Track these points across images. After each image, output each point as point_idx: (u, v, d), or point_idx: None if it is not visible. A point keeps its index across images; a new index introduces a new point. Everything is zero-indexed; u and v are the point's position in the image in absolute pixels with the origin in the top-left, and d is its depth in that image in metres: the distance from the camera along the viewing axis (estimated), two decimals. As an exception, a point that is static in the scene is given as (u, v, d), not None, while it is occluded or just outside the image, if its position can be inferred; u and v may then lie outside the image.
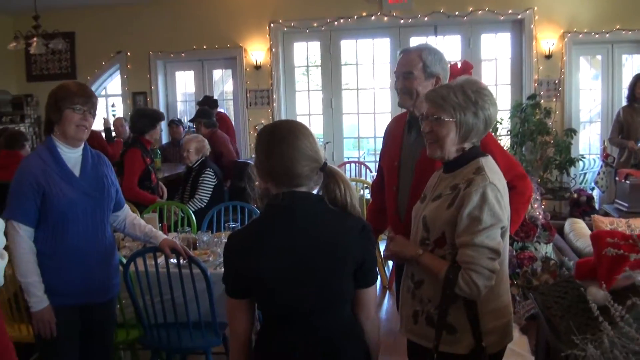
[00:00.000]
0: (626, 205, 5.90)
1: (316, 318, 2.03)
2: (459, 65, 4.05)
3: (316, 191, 2.09)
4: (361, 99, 9.18)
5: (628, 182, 5.91)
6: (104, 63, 9.48)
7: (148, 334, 3.59)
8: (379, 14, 8.45)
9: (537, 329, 2.78)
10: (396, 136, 3.02)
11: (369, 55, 9.08)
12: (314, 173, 2.04)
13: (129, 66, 9.42)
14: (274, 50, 8.85)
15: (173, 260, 3.39)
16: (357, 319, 2.13)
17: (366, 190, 6.64)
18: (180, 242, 3.37)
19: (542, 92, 8.17)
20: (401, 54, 2.92)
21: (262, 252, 1.99)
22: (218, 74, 9.79)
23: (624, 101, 7.53)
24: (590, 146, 8.88)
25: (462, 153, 2.32)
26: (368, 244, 2.07)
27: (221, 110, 8.62)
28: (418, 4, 8.33)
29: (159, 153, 7.85)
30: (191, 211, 5.22)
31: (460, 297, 2.22)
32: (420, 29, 8.61)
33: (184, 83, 9.84)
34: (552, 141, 7.87)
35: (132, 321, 3.73)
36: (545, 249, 4.50)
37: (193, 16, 8.94)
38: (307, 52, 9.29)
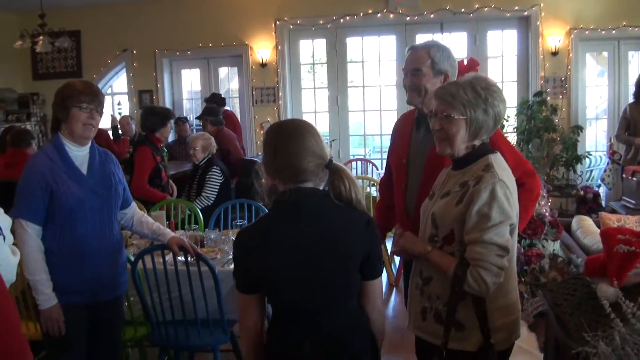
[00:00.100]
0: (633, 202, 5.88)
1: (325, 311, 2.08)
2: (465, 63, 4.05)
3: (322, 188, 2.13)
4: (367, 96, 9.17)
5: (635, 179, 5.89)
6: (109, 61, 9.49)
7: (156, 331, 3.60)
8: (384, 11, 8.44)
9: (546, 326, 2.77)
10: (404, 133, 3.02)
11: (375, 52, 9.07)
12: (319, 169, 2.08)
13: (134, 64, 9.43)
14: (279, 47, 8.85)
15: (181, 258, 3.39)
16: (364, 310, 2.18)
17: (372, 187, 6.64)
18: (187, 240, 3.37)
19: (548, 89, 8.14)
20: (409, 50, 2.91)
21: (270, 248, 2.03)
22: (224, 71, 9.80)
23: (630, 98, 7.51)
24: (597, 143, 8.85)
25: (471, 150, 2.32)
26: (373, 237, 2.13)
27: (227, 108, 8.62)
28: (424, 1, 8.32)
29: (165, 151, 7.84)
30: (198, 209, 5.23)
31: (469, 294, 2.22)
32: (426, 26, 8.60)
33: (190, 81, 9.85)
34: (558, 138, 7.84)
35: (140, 319, 3.73)
36: (553, 246, 4.49)
37: (199, 14, 8.95)
38: (312, 50, 9.29)
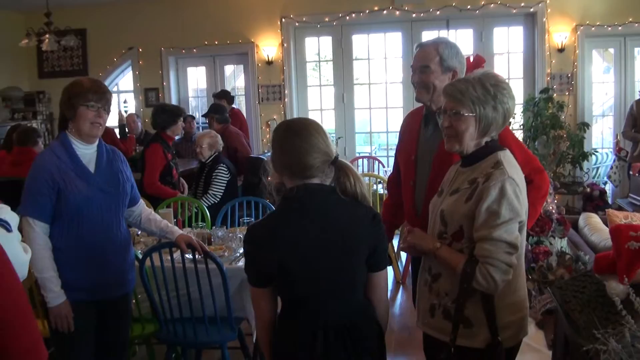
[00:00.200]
0: (640, 199, 5.88)
1: (333, 302, 2.15)
2: (472, 59, 4.02)
3: (328, 184, 2.19)
4: (373, 93, 9.16)
5: (642, 176, 5.89)
6: (115, 59, 9.50)
7: (164, 328, 3.61)
8: (390, 8, 8.41)
9: (554, 324, 2.77)
10: (413, 131, 3.01)
11: (381, 49, 9.06)
12: (325, 165, 2.16)
13: (140, 62, 9.44)
14: (285, 45, 8.85)
15: (188, 256, 3.40)
16: (370, 301, 2.27)
17: (379, 185, 6.64)
18: (195, 238, 3.37)
19: (554, 86, 8.11)
20: (418, 47, 2.90)
21: (279, 242, 2.10)
22: (230, 69, 9.80)
23: (636, 94, 7.50)
24: (603, 140, 8.83)
25: (480, 147, 2.32)
26: (379, 231, 2.22)
27: (234, 106, 8.62)
28: (430, -2, 8.32)
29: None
30: (205, 207, 5.23)
31: (478, 291, 2.22)
32: (432, 23, 8.56)
33: (196, 79, 9.86)
34: (565, 135, 7.82)
35: (148, 316, 3.75)
36: (560, 244, 4.47)
37: (204, 12, 8.95)
38: (318, 47, 9.28)
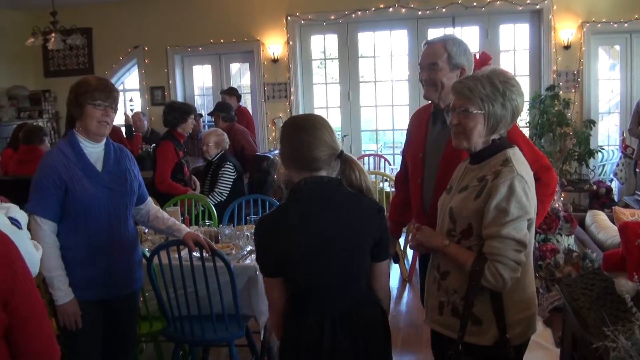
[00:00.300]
0: (646, 196, 5.86)
1: (339, 290, 2.24)
2: (478, 57, 4.01)
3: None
4: (379, 91, 9.15)
5: (648, 173, 5.87)
6: (121, 58, 9.52)
7: (171, 326, 3.62)
8: (396, 5, 8.40)
9: (562, 321, 2.76)
10: (420, 128, 3.01)
11: (387, 47, 9.04)
12: (331, 159, 2.24)
13: (146, 61, 9.45)
14: (291, 43, 8.85)
15: (196, 254, 3.40)
16: (373, 289, 2.36)
17: (385, 183, 6.63)
18: (202, 236, 3.37)
19: (560, 83, 8.09)
20: (425, 45, 2.90)
21: (288, 233, 2.19)
22: (235, 67, 9.80)
23: (642, 91, 7.47)
24: (609, 137, 8.80)
25: (489, 144, 2.31)
26: (383, 223, 2.32)
27: (241, 104, 8.61)
28: (436, -5, 8.31)
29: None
30: (211, 204, 5.24)
31: (486, 289, 2.22)
32: (438, 21, 8.55)
33: (202, 77, 9.86)
34: (571, 132, 7.80)
35: (155, 313, 3.76)
36: (567, 241, 4.47)
37: (210, 10, 8.95)
38: (324, 45, 9.29)
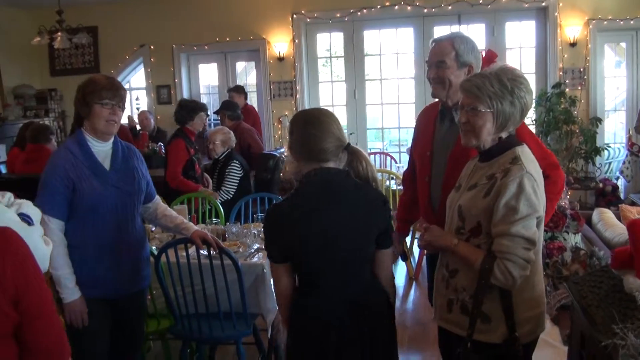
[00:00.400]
0: (653, 194, 5.85)
1: (346, 279, 2.31)
2: (484, 54, 4.01)
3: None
4: (384, 89, 9.14)
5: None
6: (127, 57, 9.53)
7: (179, 324, 3.63)
8: (402, 3, 8.39)
9: (570, 319, 2.76)
10: (428, 126, 3.01)
11: (392, 45, 9.03)
12: (339, 150, 2.32)
13: (152, 59, 9.46)
14: (296, 41, 8.85)
15: (203, 252, 3.41)
16: (377, 276, 2.43)
17: (392, 181, 6.63)
18: (210, 234, 3.38)
19: (567, 81, 8.06)
20: (433, 43, 2.90)
21: (297, 221, 2.26)
22: (241, 66, 9.81)
23: (649, 89, 7.45)
24: (615, 135, 8.77)
25: (498, 142, 2.31)
26: (388, 213, 2.39)
27: (247, 102, 8.60)
28: (441, -8, 8.29)
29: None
30: (218, 203, 5.24)
31: (496, 287, 2.22)
32: (443, 18, 8.54)
33: (208, 75, 9.87)
34: (577, 130, 7.78)
35: (163, 311, 3.76)
36: (574, 239, 4.47)
37: (216, 9, 8.96)
38: (330, 43, 9.29)
